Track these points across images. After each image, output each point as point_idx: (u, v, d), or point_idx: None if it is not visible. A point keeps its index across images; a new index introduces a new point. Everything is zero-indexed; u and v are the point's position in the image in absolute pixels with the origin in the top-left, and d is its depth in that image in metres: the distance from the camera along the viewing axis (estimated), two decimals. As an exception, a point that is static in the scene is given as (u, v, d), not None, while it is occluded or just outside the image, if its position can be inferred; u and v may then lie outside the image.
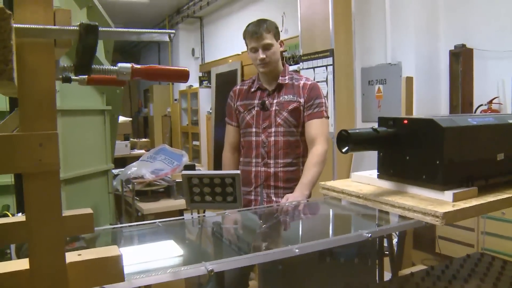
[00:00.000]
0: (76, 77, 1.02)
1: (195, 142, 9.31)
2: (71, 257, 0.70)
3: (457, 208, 1.05)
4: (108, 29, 0.63)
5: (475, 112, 4.04)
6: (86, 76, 1.02)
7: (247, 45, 2.34)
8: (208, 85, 8.64)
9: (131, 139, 7.59)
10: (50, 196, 0.62)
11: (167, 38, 0.65)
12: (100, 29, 0.60)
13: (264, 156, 2.32)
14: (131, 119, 7.88)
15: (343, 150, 1.14)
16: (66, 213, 1.04)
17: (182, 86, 9.86)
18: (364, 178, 1.37)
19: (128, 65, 0.69)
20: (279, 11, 6.56)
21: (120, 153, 6.27)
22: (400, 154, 1.21)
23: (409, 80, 1.82)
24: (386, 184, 1.28)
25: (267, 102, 2.33)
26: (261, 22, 2.30)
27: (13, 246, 1.14)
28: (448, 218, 1.02)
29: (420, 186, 1.19)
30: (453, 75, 4.20)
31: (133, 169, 3.56)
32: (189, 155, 9.56)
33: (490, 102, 3.89)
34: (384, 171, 1.29)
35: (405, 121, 1.18)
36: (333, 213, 1.56)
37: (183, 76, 0.70)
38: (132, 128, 12.73)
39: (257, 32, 2.26)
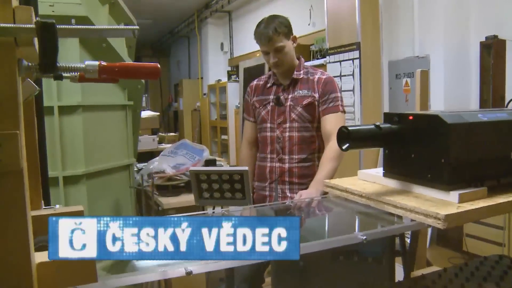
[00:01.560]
0: (68, 74, 1.00)
1: (223, 136, 9.33)
2: (41, 257, 0.68)
3: (462, 210, 0.99)
4: (67, 26, 0.61)
5: (506, 107, 3.90)
6: (78, 73, 1.00)
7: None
8: (236, 79, 8.63)
9: (160, 134, 7.65)
10: (13, 196, 0.61)
11: (131, 35, 0.62)
12: (58, 26, 0.58)
13: (279, 152, 2.29)
14: (158, 113, 7.93)
15: (343, 147, 1.09)
16: (57, 210, 1.04)
17: (211, 81, 9.90)
18: (370, 176, 1.32)
19: (95, 62, 0.67)
20: (306, 4, 6.48)
21: (148, 147, 6.31)
22: (405, 152, 1.15)
23: (424, 73, 1.74)
24: (391, 183, 1.22)
25: (281, 97, 2.29)
26: (270, 23, 2.22)
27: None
28: (451, 220, 0.96)
29: (425, 186, 1.13)
30: (484, 68, 4.05)
31: (155, 164, 3.57)
32: (218, 149, 9.61)
33: (523, 95, 3.74)
34: (390, 170, 1.23)
35: (410, 117, 1.13)
36: (338, 213, 1.51)
37: (154, 73, 0.67)
38: (163, 122, 12.92)
39: (266, 36, 2.19)
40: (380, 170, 1.29)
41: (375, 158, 4.52)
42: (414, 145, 1.13)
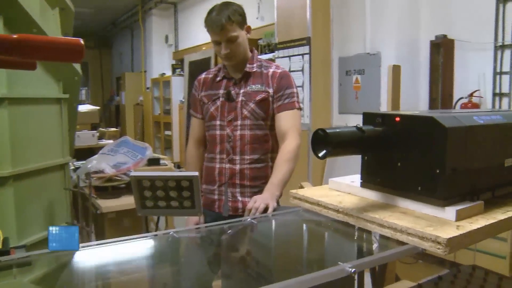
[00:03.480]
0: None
1: (167, 132, 9.04)
2: None
3: (463, 231, 0.83)
4: None
5: (454, 106, 3.90)
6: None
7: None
8: (181, 73, 8.38)
9: (100, 129, 7.26)
10: None
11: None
12: None
13: (229, 152, 2.09)
14: (99, 107, 7.52)
15: (320, 155, 0.90)
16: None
17: (155, 74, 9.57)
18: (345, 186, 1.13)
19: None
20: (255, -3, 6.29)
21: (87, 143, 5.99)
22: (390, 159, 0.97)
23: (396, 68, 1.59)
24: (371, 195, 1.05)
25: (232, 92, 2.09)
26: (223, 10, 2.01)
27: None
28: (454, 245, 0.79)
29: (414, 200, 0.95)
30: (434, 66, 4.03)
31: (93, 163, 3.27)
32: (161, 145, 9.30)
33: (471, 95, 3.74)
34: (370, 179, 1.05)
35: (397, 119, 0.95)
36: (307, 233, 1.31)
37: (74, 52, 0.45)
38: (104, 117, 12.40)
39: (218, 24, 1.98)
40: (355, 179, 1.11)
41: (322, 162, 4.39)
42: (402, 151, 0.95)
